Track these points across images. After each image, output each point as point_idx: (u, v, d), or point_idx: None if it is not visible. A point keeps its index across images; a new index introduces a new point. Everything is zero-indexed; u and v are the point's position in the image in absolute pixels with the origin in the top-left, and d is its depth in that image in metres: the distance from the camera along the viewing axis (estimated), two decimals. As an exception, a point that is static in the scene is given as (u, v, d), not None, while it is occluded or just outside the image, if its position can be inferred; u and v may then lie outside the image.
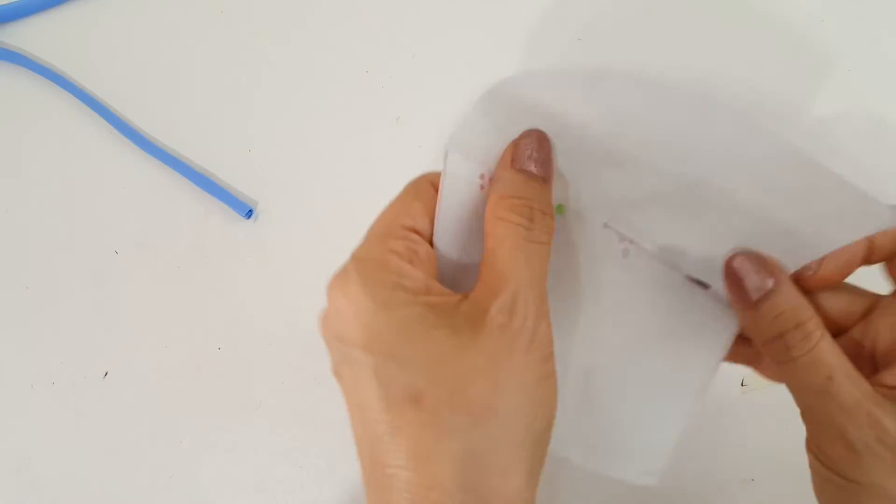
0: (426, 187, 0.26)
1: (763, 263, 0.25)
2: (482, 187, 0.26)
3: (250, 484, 0.38)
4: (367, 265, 0.24)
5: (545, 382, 0.23)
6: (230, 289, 0.40)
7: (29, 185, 0.44)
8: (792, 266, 0.25)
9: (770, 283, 0.24)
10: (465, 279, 0.26)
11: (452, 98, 0.42)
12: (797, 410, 0.36)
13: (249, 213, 0.41)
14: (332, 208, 0.41)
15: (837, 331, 0.27)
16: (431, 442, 0.22)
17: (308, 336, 0.39)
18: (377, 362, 0.22)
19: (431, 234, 0.26)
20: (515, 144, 0.25)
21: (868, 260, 0.26)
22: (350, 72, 0.44)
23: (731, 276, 0.25)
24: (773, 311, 0.24)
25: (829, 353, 0.24)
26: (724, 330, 0.27)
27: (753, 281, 0.24)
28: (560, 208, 0.27)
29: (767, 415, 0.34)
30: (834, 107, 0.40)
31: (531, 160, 0.25)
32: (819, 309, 0.25)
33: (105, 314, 0.41)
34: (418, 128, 0.42)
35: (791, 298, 0.24)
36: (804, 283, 0.25)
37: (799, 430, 0.35)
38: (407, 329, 0.22)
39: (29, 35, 0.46)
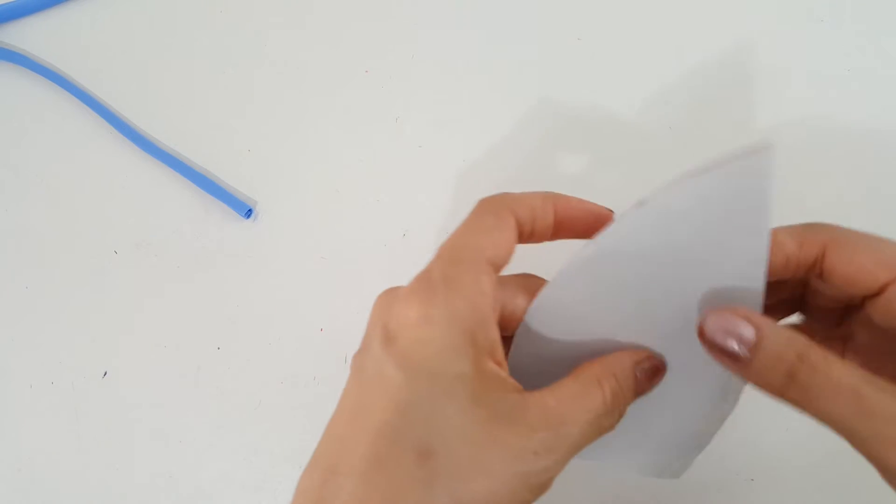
0: (506, 216, 0.24)
1: (733, 318, 0.23)
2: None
3: (250, 484, 0.38)
4: (458, 297, 0.22)
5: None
6: (230, 288, 0.40)
7: (28, 185, 0.44)
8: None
9: (751, 332, 0.22)
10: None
11: (452, 98, 0.43)
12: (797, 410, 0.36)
13: (249, 213, 0.41)
14: (331, 208, 0.41)
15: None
16: (401, 495, 0.21)
17: (308, 336, 0.39)
18: (409, 396, 0.22)
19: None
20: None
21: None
22: (350, 71, 0.44)
23: (711, 347, 0.23)
24: (772, 358, 0.22)
25: (845, 373, 0.22)
26: None
27: (734, 341, 0.23)
28: None
29: (767, 415, 0.34)
30: (834, 107, 0.40)
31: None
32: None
33: (104, 314, 0.41)
34: (418, 128, 0.42)
35: (780, 336, 0.22)
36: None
37: (798, 430, 0.35)
38: (452, 389, 0.22)
39: (29, 35, 0.46)
